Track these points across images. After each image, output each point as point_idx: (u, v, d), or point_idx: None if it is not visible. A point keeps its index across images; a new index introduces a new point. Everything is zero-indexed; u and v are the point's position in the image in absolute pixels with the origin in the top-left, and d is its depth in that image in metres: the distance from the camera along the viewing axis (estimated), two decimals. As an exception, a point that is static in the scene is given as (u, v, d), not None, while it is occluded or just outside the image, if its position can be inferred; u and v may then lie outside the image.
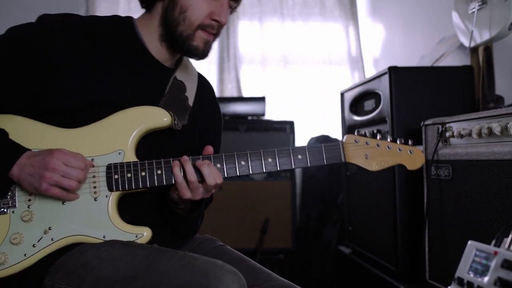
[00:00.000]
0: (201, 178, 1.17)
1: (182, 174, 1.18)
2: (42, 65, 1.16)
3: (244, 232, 2.85)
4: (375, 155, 1.25)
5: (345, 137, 1.26)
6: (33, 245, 1.14)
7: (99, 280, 1.06)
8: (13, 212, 1.16)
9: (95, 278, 1.07)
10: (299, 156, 1.22)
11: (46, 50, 1.16)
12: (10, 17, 1.25)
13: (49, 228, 1.15)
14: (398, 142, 1.27)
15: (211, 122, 1.45)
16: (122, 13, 2.18)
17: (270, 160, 1.22)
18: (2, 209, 1.15)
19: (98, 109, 1.20)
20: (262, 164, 1.21)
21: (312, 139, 3.32)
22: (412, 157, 1.27)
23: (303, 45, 3.53)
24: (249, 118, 3.09)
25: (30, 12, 1.37)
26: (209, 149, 1.25)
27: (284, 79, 3.47)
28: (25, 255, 1.13)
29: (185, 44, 1.25)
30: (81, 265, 1.10)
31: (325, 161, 1.23)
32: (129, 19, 1.31)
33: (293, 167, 1.23)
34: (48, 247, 1.15)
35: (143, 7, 1.32)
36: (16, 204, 1.16)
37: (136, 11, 1.39)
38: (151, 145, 1.25)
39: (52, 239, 1.15)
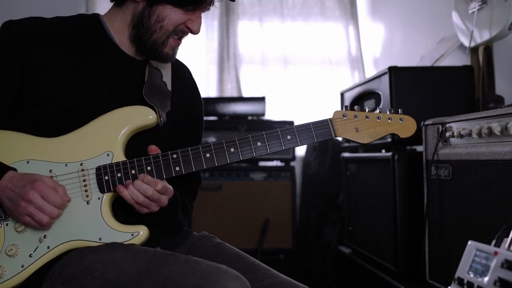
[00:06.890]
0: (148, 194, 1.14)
1: (130, 196, 1.15)
2: (16, 73, 1.18)
3: (244, 232, 2.85)
4: (366, 127, 1.22)
5: (333, 113, 1.24)
6: (30, 255, 1.12)
7: (102, 283, 1.05)
8: (6, 225, 1.14)
9: (98, 282, 1.06)
10: (288, 137, 1.21)
11: (18, 56, 1.18)
12: (9, 17, 1.25)
13: (44, 236, 1.13)
14: (388, 112, 1.24)
15: (192, 104, 1.44)
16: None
17: (259, 144, 1.21)
18: None
19: (77, 113, 1.20)
20: (252, 149, 1.20)
21: (312, 139, 3.32)
22: (403, 125, 1.22)
23: (303, 45, 3.52)
24: (249, 118, 3.09)
25: (30, 11, 1.37)
26: (152, 148, 1.21)
27: (284, 79, 3.47)
28: (22, 266, 1.11)
29: (158, 50, 1.25)
30: (82, 269, 1.09)
31: (315, 138, 1.22)
32: (95, 16, 1.31)
33: (283, 148, 1.22)
34: (45, 256, 1.13)
35: (112, 0, 1.30)
36: (9, 217, 1.14)
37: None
38: (139, 144, 1.24)
39: (48, 247, 1.13)
